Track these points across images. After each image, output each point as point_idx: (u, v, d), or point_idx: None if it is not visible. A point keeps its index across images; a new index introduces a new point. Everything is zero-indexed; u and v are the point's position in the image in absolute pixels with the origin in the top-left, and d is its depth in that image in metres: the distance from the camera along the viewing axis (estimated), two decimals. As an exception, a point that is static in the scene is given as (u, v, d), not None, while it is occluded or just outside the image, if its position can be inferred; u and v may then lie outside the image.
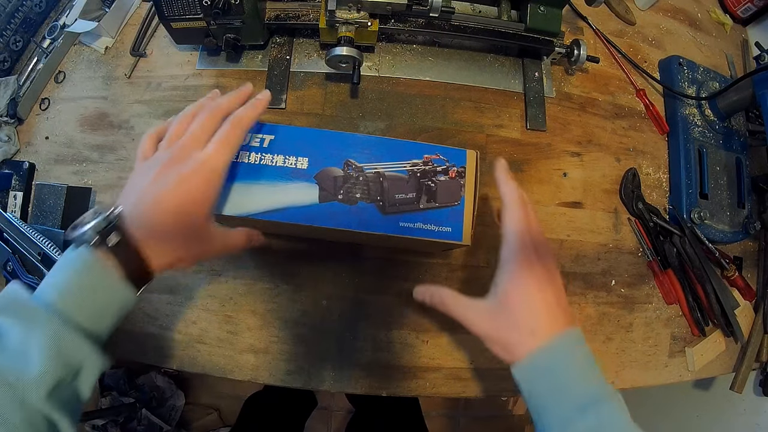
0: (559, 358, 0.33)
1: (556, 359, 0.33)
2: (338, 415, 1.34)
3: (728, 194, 0.64)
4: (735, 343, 0.63)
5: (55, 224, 0.51)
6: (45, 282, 0.29)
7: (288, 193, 0.39)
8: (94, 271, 0.29)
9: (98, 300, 0.29)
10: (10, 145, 0.60)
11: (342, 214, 0.39)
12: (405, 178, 0.40)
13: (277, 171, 0.39)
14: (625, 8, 0.70)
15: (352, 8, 0.50)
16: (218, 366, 0.52)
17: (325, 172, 0.39)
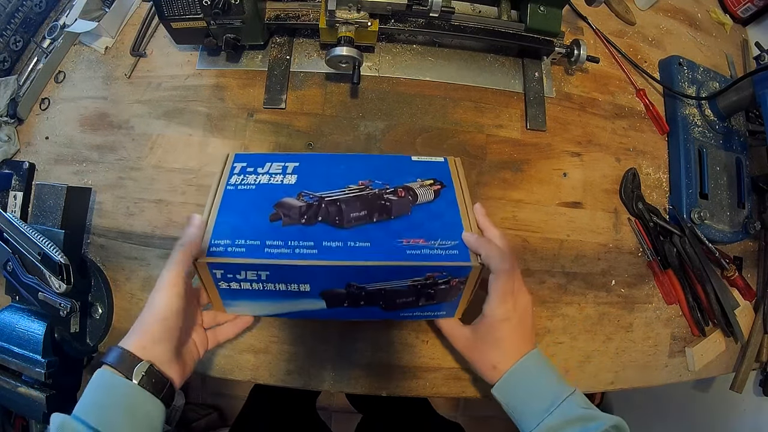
0: (524, 375, 0.42)
1: (521, 377, 0.42)
2: (338, 416, 1.34)
3: (728, 194, 0.64)
4: (735, 343, 0.63)
5: (55, 224, 0.50)
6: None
7: (295, 305, 0.43)
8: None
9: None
10: (10, 145, 0.60)
11: (348, 312, 0.44)
12: (405, 291, 0.42)
13: (281, 294, 0.41)
14: (625, 8, 0.70)
15: (352, 8, 0.50)
16: (218, 366, 0.52)
17: (331, 293, 0.41)
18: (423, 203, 0.44)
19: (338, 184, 0.45)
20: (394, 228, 0.42)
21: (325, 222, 0.41)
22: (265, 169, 0.46)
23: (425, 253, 0.40)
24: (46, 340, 0.48)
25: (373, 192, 0.44)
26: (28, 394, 0.48)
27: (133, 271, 0.55)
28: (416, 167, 0.47)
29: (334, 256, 0.39)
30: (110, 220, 0.56)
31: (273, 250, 0.39)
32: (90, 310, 0.54)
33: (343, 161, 0.48)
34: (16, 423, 0.61)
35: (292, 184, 0.44)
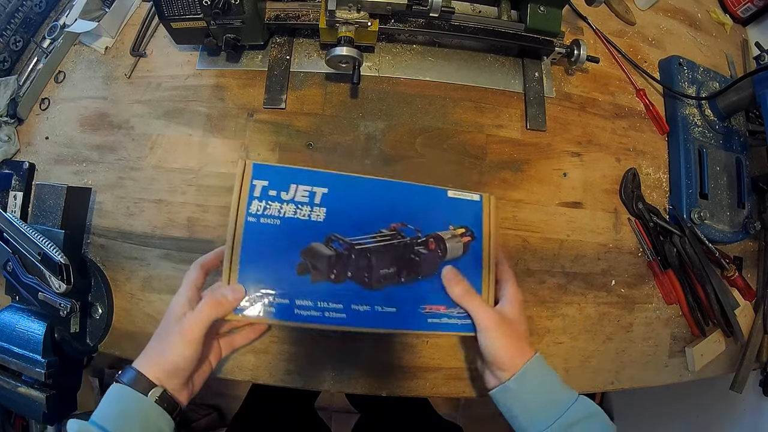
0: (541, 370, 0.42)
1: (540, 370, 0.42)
2: (338, 416, 1.34)
3: (728, 194, 0.64)
4: (735, 343, 0.63)
5: (55, 224, 0.50)
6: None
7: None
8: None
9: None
10: (10, 145, 0.60)
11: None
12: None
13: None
14: (625, 8, 0.70)
15: (352, 8, 0.50)
16: (218, 366, 0.52)
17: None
18: (450, 260, 0.44)
19: (369, 223, 0.42)
20: (420, 292, 0.42)
21: (353, 280, 0.41)
22: (290, 195, 0.41)
23: (444, 322, 0.43)
24: (46, 340, 0.48)
25: (405, 241, 0.43)
26: (28, 394, 0.48)
27: (133, 271, 0.55)
28: (450, 206, 0.45)
29: (362, 322, 0.40)
30: (110, 220, 0.56)
31: (303, 312, 0.39)
32: (90, 310, 0.54)
33: (376, 189, 0.44)
34: (16, 423, 0.61)
35: (321, 221, 0.41)
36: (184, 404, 0.40)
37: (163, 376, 0.37)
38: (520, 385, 0.41)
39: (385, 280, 0.41)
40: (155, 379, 0.37)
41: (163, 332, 0.38)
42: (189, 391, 0.41)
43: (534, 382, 0.41)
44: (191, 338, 0.37)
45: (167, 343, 0.37)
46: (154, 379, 0.37)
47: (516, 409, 0.41)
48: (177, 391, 0.38)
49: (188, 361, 0.37)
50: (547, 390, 0.41)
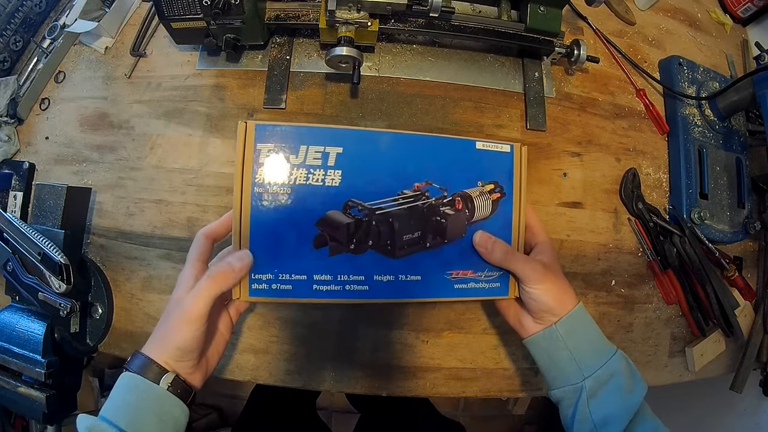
0: (586, 317, 0.42)
1: (586, 317, 0.42)
2: (338, 416, 1.34)
3: (728, 194, 0.64)
4: (735, 343, 0.63)
5: (55, 224, 0.50)
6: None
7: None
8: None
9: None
10: (10, 145, 0.60)
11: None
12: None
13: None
14: (625, 8, 0.70)
15: (352, 8, 0.50)
16: (218, 366, 0.52)
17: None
18: (479, 221, 0.41)
19: (391, 184, 0.38)
20: (446, 256, 0.40)
21: (375, 249, 0.38)
22: (300, 158, 0.36)
23: (471, 288, 0.41)
24: (46, 340, 0.48)
25: (430, 202, 0.39)
26: (28, 394, 0.48)
27: (133, 271, 0.55)
28: (479, 159, 0.41)
29: (385, 293, 0.38)
30: (110, 220, 0.56)
31: (322, 287, 0.37)
32: (90, 310, 0.54)
33: (396, 145, 0.39)
34: (16, 423, 0.61)
35: (337, 186, 0.37)
36: (199, 386, 0.38)
37: (172, 361, 0.35)
38: (569, 327, 0.40)
39: (409, 247, 0.38)
40: (165, 364, 0.35)
41: (167, 314, 0.37)
42: (203, 371, 0.39)
43: (582, 327, 0.41)
44: (194, 317, 0.34)
45: (170, 326, 0.35)
46: (164, 364, 0.35)
47: (560, 352, 0.40)
48: (189, 374, 0.37)
49: (194, 341, 0.35)
50: (592, 336, 0.41)
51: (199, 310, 0.34)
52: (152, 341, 0.36)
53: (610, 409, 0.38)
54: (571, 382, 0.40)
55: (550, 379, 0.42)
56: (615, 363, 0.40)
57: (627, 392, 0.39)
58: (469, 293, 0.41)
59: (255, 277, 0.36)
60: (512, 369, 0.56)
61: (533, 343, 0.42)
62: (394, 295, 0.39)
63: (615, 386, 0.39)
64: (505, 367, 0.55)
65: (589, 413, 0.38)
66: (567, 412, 0.41)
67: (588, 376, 0.39)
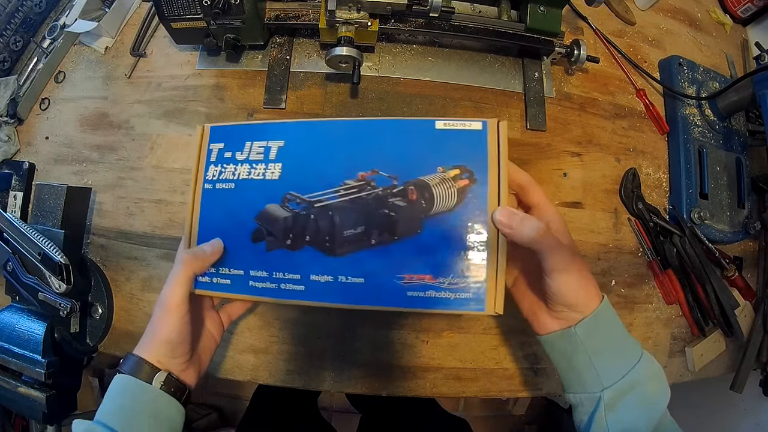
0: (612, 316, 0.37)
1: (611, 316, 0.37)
2: (338, 416, 1.34)
3: (728, 194, 0.64)
4: (735, 343, 0.63)
5: (55, 224, 0.50)
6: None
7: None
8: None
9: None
10: (10, 145, 0.60)
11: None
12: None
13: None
14: (625, 8, 0.70)
15: (352, 8, 0.50)
16: (218, 366, 0.52)
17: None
18: (440, 213, 0.33)
19: (334, 174, 0.35)
20: (395, 256, 0.33)
21: (313, 245, 0.35)
22: (245, 154, 0.37)
23: (430, 296, 0.33)
24: (46, 340, 0.48)
25: (376, 192, 0.34)
26: (28, 394, 0.48)
27: (133, 271, 0.55)
28: (441, 141, 0.34)
29: (322, 296, 0.35)
30: (110, 220, 0.56)
31: (258, 284, 0.36)
32: (90, 310, 0.54)
33: (342, 133, 0.36)
34: (16, 423, 0.61)
35: (276, 179, 0.36)
36: (193, 385, 0.38)
37: (163, 358, 0.35)
38: (589, 329, 0.35)
39: (350, 243, 0.34)
40: (157, 362, 0.35)
41: (153, 313, 0.36)
42: (196, 369, 0.38)
43: (605, 329, 0.36)
44: (173, 305, 0.34)
45: (155, 323, 0.35)
46: (156, 362, 0.35)
47: (578, 355, 0.35)
48: (182, 372, 0.36)
49: (180, 332, 0.35)
50: (616, 340, 0.36)
51: (177, 297, 0.34)
52: (142, 341, 0.36)
53: (631, 423, 0.34)
54: (588, 390, 0.36)
55: (565, 381, 0.38)
56: (639, 371, 0.35)
57: (649, 403, 0.35)
58: (427, 303, 0.33)
59: None
60: (512, 369, 0.56)
61: (549, 343, 0.37)
62: (332, 298, 0.34)
63: (637, 398, 0.34)
64: (505, 367, 0.55)
65: (606, 426, 0.34)
66: (582, 418, 0.37)
67: (607, 386, 0.34)
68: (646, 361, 0.36)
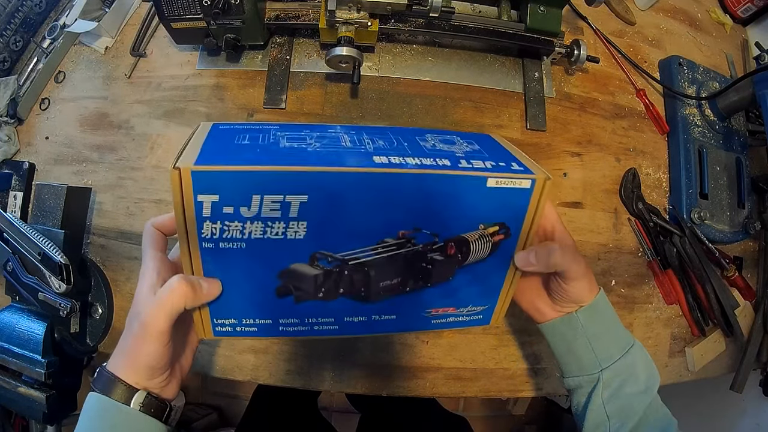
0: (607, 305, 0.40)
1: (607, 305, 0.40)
2: (338, 416, 1.34)
3: (728, 194, 0.64)
4: (735, 343, 0.63)
5: (55, 224, 0.50)
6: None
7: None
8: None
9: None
10: (10, 145, 0.60)
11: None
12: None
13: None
14: (625, 8, 0.70)
15: (352, 8, 0.50)
16: (218, 366, 0.52)
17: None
18: (472, 263, 0.34)
19: (371, 231, 0.31)
20: (425, 298, 0.35)
21: (347, 296, 0.33)
22: (254, 210, 0.28)
23: (450, 321, 0.37)
24: (46, 340, 0.48)
25: (416, 249, 0.32)
26: (28, 394, 0.48)
27: (133, 271, 0.55)
28: (488, 198, 0.31)
29: (355, 330, 0.35)
30: (110, 220, 0.56)
31: (289, 328, 0.34)
32: (90, 310, 0.54)
33: (377, 187, 0.29)
34: (16, 423, 0.61)
35: (301, 238, 0.30)
36: (173, 397, 0.35)
37: (141, 379, 0.32)
38: (589, 315, 0.38)
39: (385, 292, 0.34)
40: (134, 383, 0.32)
41: (130, 320, 0.32)
42: (177, 379, 0.36)
43: (602, 316, 0.39)
44: (157, 332, 0.30)
45: (134, 343, 0.31)
46: (134, 383, 0.32)
47: (578, 339, 0.39)
48: (162, 388, 0.34)
49: (162, 357, 0.32)
50: (612, 326, 0.40)
51: (161, 325, 0.30)
52: (119, 357, 0.33)
53: (625, 402, 0.38)
54: (586, 372, 0.39)
55: (565, 366, 0.41)
56: (633, 355, 0.39)
57: (642, 385, 0.38)
58: (447, 326, 0.38)
59: (218, 321, 0.33)
60: (512, 369, 0.56)
61: (550, 329, 0.40)
62: (364, 331, 0.36)
63: (631, 379, 0.38)
64: (505, 367, 0.55)
65: (603, 405, 0.38)
66: (580, 400, 0.40)
67: (605, 367, 0.38)
68: (638, 347, 0.40)
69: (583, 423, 0.39)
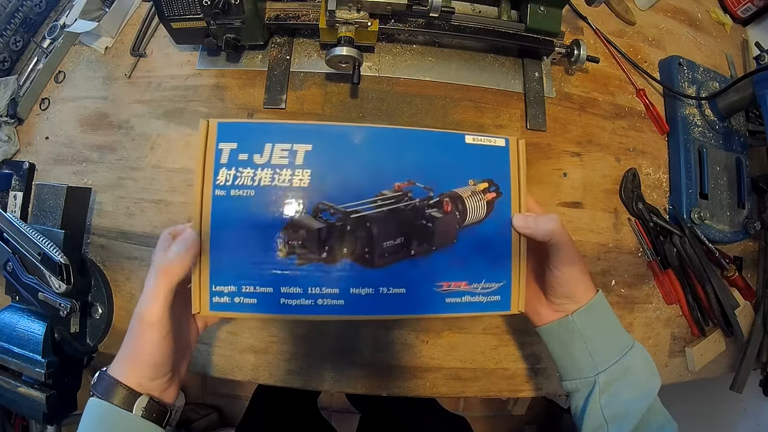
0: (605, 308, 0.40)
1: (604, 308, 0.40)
2: (338, 416, 1.34)
3: (728, 194, 0.64)
4: (735, 343, 0.63)
5: (55, 224, 0.50)
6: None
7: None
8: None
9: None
10: (10, 145, 0.60)
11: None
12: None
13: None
14: (625, 8, 0.70)
15: (352, 8, 0.50)
16: (218, 366, 0.52)
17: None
18: (472, 224, 0.36)
19: (369, 183, 0.34)
20: (433, 265, 0.35)
21: (351, 258, 0.34)
22: (265, 158, 0.33)
23: (465, 302, 0.36)
24: (46, 340, 0.48)
25: (413, 203, 0.35)
26: (28, 394, 0.48)
27: (133, 271, 0.55)
28: (469, 155, 0.36)
29: (363, 309, 0.34)
30: (110, 220, 0.56)
31: (291, 301, 0.33)
32: (90, 310, 0.54)
33: (374, 141, 0.35)
34: (16, 423, 0.61)
35: (305, 187, 0.33)
36: (173, 401, 0.35)
37: (145, 380, 0.32)
38: (585, 317, 0.38)
39: (390, 255, 0.34)
40: (137, 386, 0.32)
41: (131, 327, 0.32)
42: (177, 384, 0.36)
43: (599, 318, 0.39)
44: (154, 321, 0.30)
45: (135, 341, 0.31)
46: (136, 386, 0.32)
47: (575, 343, 0.38)
48: (164, 391, 0.33)
49: (163, 353, 0.31)
50: (610, 329, 0.40)
51: (156, 312, 0.30)
52: (120, 360, 0.32)
53: (623, 406, 0.37)
54: (584, 375, 0.39)
55: (562, 369, 0.41)
56: (631, 357, 0.38)
57: (641, 388, 0.38)
58: (463, 308, 0.36)
59: (216, 288, 0.32)
60: (512, 369, 0.56)
61: (547, 332, 0.40)
62: (373, 310, 0.34)
63: (629, 383, 0.38)
64: (505, 367, 0.55)
65: (600, 409, 0.37)
66: (578, 404, 0.40)
67: (602, 370, 0.38)
68: (638, 350, 0.39)
69: (581, 427, 0.39)
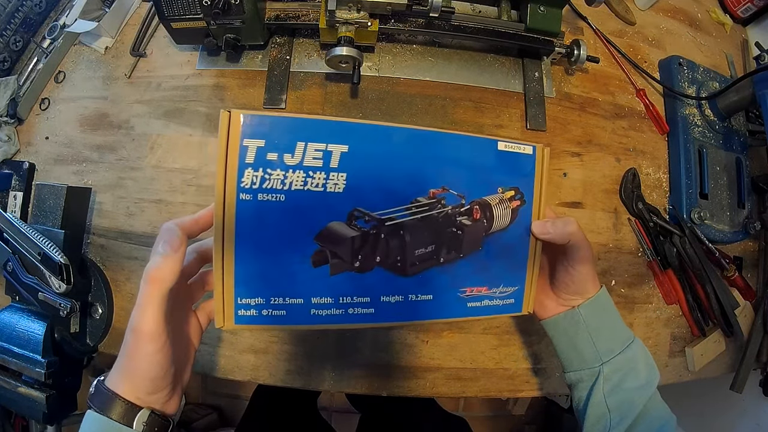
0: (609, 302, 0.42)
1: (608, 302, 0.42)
2: (338, 416, 1.34)
3: (728, 194, 0.64)
4: (735, 343, 0.63)
5: (55, 224, 0.50)
6: None
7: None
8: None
9: None
10: (10, 145, 0.60)
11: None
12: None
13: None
14: (625, 8, 0.70)
15: (352, 8, 0.50)
16: (218, 366, 0.52)
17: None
18: (496, 232, 0.37)
19: (404, 188, 0.33)
20: (459, 272, 0.36)
21: (383, 266, 0.33)
22: (297, 158, 0.29)
23: (484, 305, 0.37)
24: (46, 340, 0.48)
25: (446, 211, 0.34)
26: (28, 394, 0.48)
27: (133, 271, 0.55)
28: (500, 161, 0.36)
29: (392, 316, 0.34)
30: (110, 220, 0.56)
31: (321, 311, 0.32)
32: (90, 310, 0.54)
33: (412, 143, 0.33)
34: (16, 423, 0.61)
35: (341, 192, 0.31)
36: (175, 411, 0.33)
37: (142, 394, 0.30)
38: (591, 310, 0.40)
39: (421, 263, 0.34)
40: (136, 399, 0.30)
41: (123, 341, 0.30)
42: (179, 392, 0.34)
43: (603, 311, 0.41)
44: (148, 333, 0.28)
45: (130, 355, 0.29)
46: (135, 399, 0.30)
47: (580, 334, 0.40)
48: (165, 403, 0.31)
49: (162, 365, 0.29)
50: (613, 322, 0.41)
51: (150, 323, 0.28)
52: (118, 372, 0.30)
53: (626, 394, 0.38)
54: (588, 365, 0.40)
55: (566, 361, 0.42)
56: (633, 350, 0.40)
57: (642, 379, 0.39)
58: (482, 311, 0.37)
59: (242, 301, 0.30)
60: (512, 369, 0.56)
61: (553, 324, 0.41)
62: (402, 317, 0.34)
63: (631, 373, 0.39)
64: (505, 367, 0.55)
65: (604, 399, 0.39)
66: (581, 395, 0.41)
67: (606, 361, 0.39)
68: (638, 343, 0.41)
69: (584, 417, 0.40)
